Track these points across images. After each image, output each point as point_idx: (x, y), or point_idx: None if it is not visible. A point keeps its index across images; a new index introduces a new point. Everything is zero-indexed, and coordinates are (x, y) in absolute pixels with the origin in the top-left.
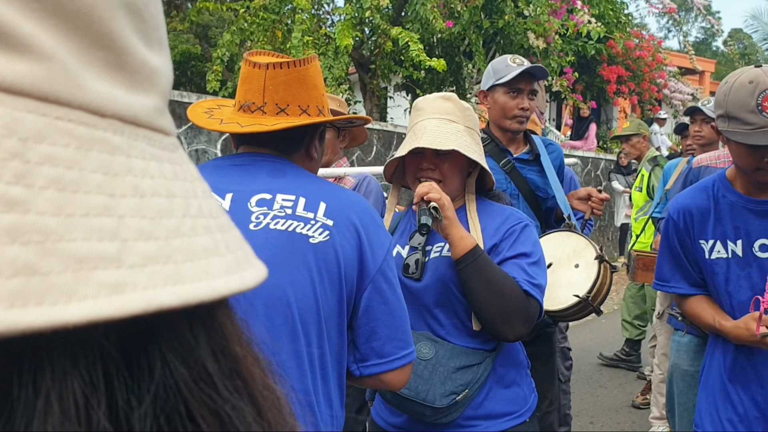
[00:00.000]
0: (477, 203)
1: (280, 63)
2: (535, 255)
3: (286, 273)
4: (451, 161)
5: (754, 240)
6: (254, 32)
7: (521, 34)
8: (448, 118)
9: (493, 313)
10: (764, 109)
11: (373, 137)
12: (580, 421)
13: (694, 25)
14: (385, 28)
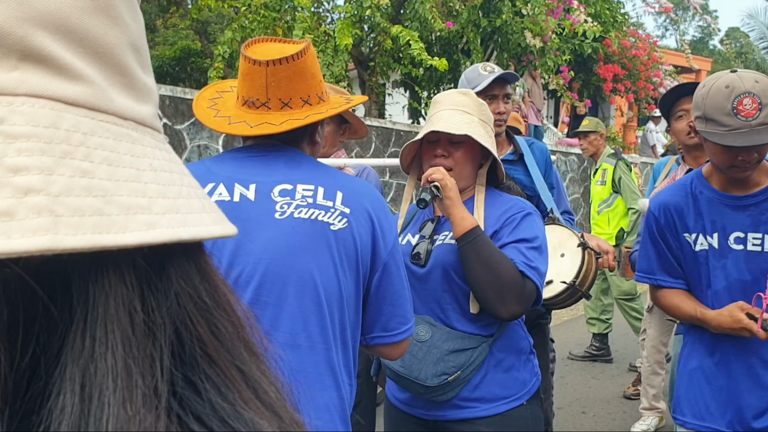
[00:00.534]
0: (486, 194)
1: (280, 59)
2: (536, 241)
3: (312, 258)
4: (464, 150)
5: (730, 233)
6: (255, 29)
7: (518, 33)
8: (463, 109)
9: (488, 291)
10: (739, 112)
11: (372, 134)
12: (573, 411)
13: (692, 24)
14: (384, 26)
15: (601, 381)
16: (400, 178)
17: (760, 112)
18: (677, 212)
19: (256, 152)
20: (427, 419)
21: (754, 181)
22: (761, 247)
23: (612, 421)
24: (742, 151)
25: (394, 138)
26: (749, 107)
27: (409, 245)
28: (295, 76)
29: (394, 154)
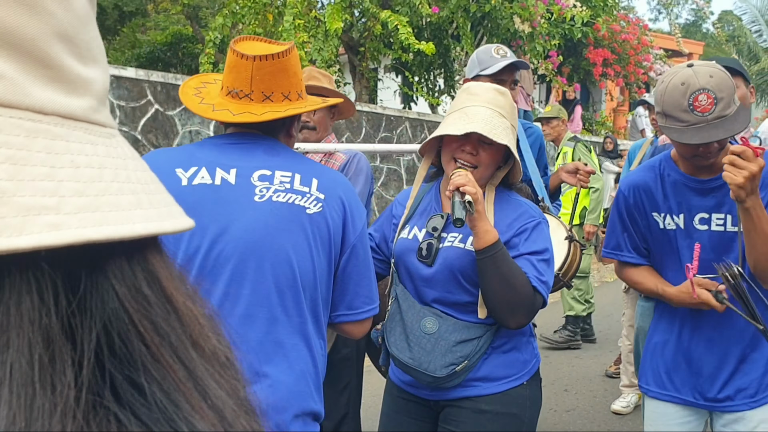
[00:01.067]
0: (497, 194)
1: (266, 55)
2: (546, 253)
3: (288, 238)
4: (492, 151)
5: (695, 214)
6: (245, 15)
7: (508, 19)
8: (500, 111)
9: (502, 304)
10: (695, 108)
11: (362, 119)
12: (555, 389)
13: (685, 7)
14: (374, 11)
15: (583, 360)
16: (390, 162)
17: (715, 107)
18: (646, 192)
19: (236, 140)
20: (430, 399)
21: (718, 164)
22: (724, 227)
23: (593, 398)
24: (701, 144)
25: (385, 123)
26: (705, 103)
27: (416, 240)
28: (278, 73)
29: (384, 139)
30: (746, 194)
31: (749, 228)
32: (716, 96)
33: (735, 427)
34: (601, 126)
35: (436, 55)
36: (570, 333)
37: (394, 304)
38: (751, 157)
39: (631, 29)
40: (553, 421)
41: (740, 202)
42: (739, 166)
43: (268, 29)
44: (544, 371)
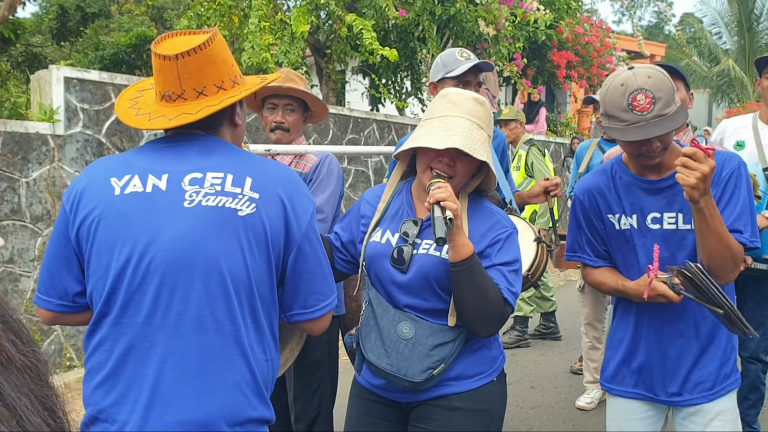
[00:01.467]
0: (469, 201)
1: (188, 51)
2: (516, 264)
3: (218, 244)
4: (467, 163)
5: (647, 214)
6: (211, 17)
7: (472, 22)
8: (479, 123)
9: (475, 315)
10: (634, 107)
11: (330, 121)
12: (522, 386)
13: (647, 10)
14: (340, 14)
15: (549, 357)
16: (358, 164)
17: (654, 106)
18: (600, 195)
19: (173, 142)
20: (402, 401)
21: (667, 164)
22: (676, 225)
23: (559, 395)
24: (643, 142)
25: (352, 125)
26: (643, 102)
27: (389, 245)
28: (205, 65)
29: (352, 140)
30: (699, 194)
31: (702, 227)
32: (654, 95)
33: (694, 419)
34: (566, 127)
35: (403, 58)
36: (519, 333)
37: (368, 308)
38: (702, 158)
39: (594, 32)
40: (519, 418)
41: (694, 203)
42: (691, 167)
43: (233, 31)
44: (511, 369)
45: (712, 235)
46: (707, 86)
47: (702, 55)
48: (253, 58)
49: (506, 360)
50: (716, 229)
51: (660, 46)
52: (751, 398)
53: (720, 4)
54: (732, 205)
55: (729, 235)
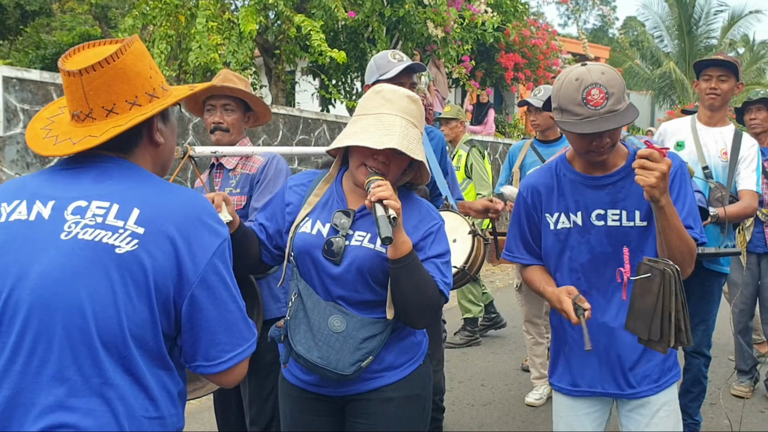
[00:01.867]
0: (399, 194)
1: (93, 65)
2: (447, 255)
3: (86, 284)
4: (400, 161)
5: (591, 211)
6: (156, 17)
7: (421, 24)
8: (413, 121)
9: (414, 309)
10: (588, 101)
11: (279, 122)
12: (472, 384)
13: (592, 13)
14: (288, 14)
15: (499, 355)
16: (309, 165)
17: (607, 101)
18: (542, 193)
19: (73, 164)
20: (336, 395)
21: (611, 162)
22: (619, 222)
23: (509, 392)
24: (594, 137)
25: (302, 126)
26: (597, 97)
27: (320, 237)
28: (114, 81)
29: (302, 141)
30: (660, 193)
31: (664, 225)
32: (608, 91)
33: (641, 411)
34: (514, 129)
35: (353, 59)
36: (469, 333)
37: (297, 300)
38: (658, 157)
39: (540, 34)
40: (470, 415)
41: (655, 202)
42: (648, 168)
43: (180, 31)
44: (462, 367)
45: (674, 231)
46: (649, 88)
47: (644, 58)
48: (201, 58)
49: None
50: (676, 226)
51: (604, 48)
52: (693, 391)
53: (661, 8)
54: (680, 202)
55: (686, 231)
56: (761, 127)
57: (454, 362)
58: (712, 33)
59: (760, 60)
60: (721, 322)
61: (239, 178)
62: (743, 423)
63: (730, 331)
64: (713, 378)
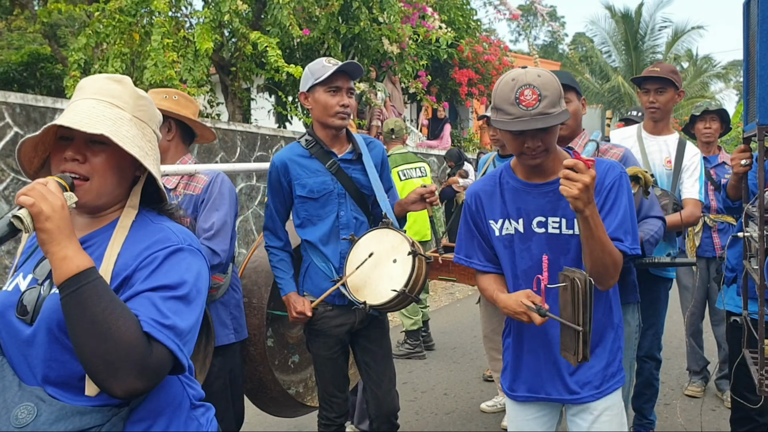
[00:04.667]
0: (139, 220)
1: None
2: (182, 288)
3: None
4: (107, 155)
5: (533, 218)
6: (110, 35)
7: (377, 40)
8: (110, 101)
9: (95, 360)
10: (521, 102)
11: (237, 138)
12: (435, 393)
13: (542, 30)
14: (244, 32)
15: (461, 365)
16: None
17: (539, 103)
18: (485, 200)
19: None
20: None
21: (552, 169)
22: (559, 230)
23: (471, 400)
24: (527, 138)
25: (260, 142)
26: (529, 98)
27: (17, 292)
28: None
29: (260, 158)
30: (583, 204)
31: (587, 235)
32: (540, 93)
33: (583, 416)
34: (469, 143)
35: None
36: (410, 346)
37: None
38: (583, 169)
39: (492, 50)
40: (434, 424)
41: (578, 212)
42: (572, 178)
43: (134, 49)
44: (424, 377)
45: (596, 243)
46: (599, 102)
47: (594, 73)
48: (156, 75)
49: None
50: (600, 238)
51: (555, 64)
52: (646, 393)
53: (608, 25)
54: (613, 214)
55: (611, 243)
56: (713, 137)
57: (417, 373)
58: (657, 48)
59: (703, 74)
60: (673, 326)
61: (182, 199)
62: (695, 422)
63: (681, 334)
64: (667, 379)
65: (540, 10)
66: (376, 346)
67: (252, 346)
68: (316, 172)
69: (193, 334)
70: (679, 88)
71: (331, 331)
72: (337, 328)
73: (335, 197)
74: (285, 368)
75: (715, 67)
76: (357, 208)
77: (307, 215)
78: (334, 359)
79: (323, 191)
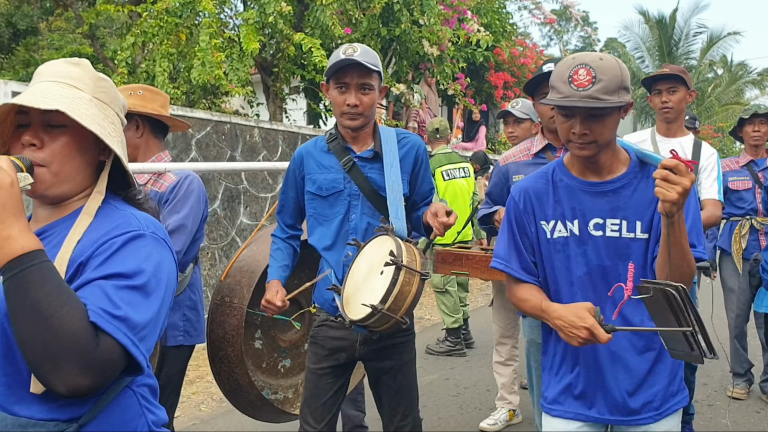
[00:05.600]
0: (103, 206)
1: None
2: (138, 277)
3: None
4: (66, 139)
5: (589, 219)
6: (157, 35)
7: (417, 42)
8: (68, 82)
9: (36, 352)
10: (573, 81)
11: (279, 138)
12: (478, 390)
13: (574, 34)
14: (288, 33)
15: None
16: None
17: (592, 85)
18: (537, 198)
19: None
20: None
21: (611, 167)
22: (619, 233)
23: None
24: (574, 123)
25: (300, 141)
26: (583, 78)
27: None
28: None
29: None
30: (677, 209)
31: (672, 242)
32: (596, 75)
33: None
34: (503, 146)
35: None
36: (450, 343)
37: None
38: (684, 171)
39: (529, 53)
40: (479, 418)
41: (669, 217)
42: (672, 181)
43: (180, 48)
44: (466, 375)
45: (679, 250)
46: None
47: None
48: (204, 75)
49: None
50: (683, 245)
51: None
52: None
53: (642, 30)
54: (688, 218)
55: (690, 251)
56: (762, 140)
57: (459, 369)
58: (691, 54)
59: (738, 80)
60: (716, 327)
61: (148, 194)
62: (740, 423)
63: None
64: (710, 381)
65: (575, 15)
66: (390, 378)
67: (230, 347)
68: (328, 169)
69: (151, 330)
70: (690, 88)
71: (325, 343)
72: (333, 340)
73: (345, 197)
74: (274, 372)
75: (750, 73)
76: (374, 211)
77: (314, 213)
78: (319, 376)
79: (332, 190)
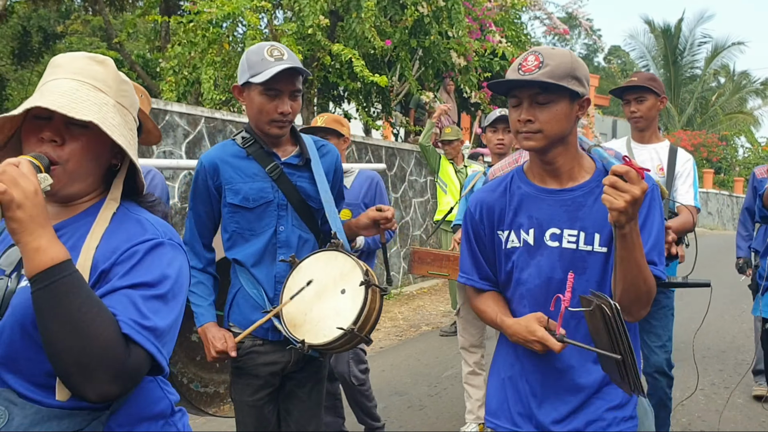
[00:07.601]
0: (119, 211)
1: None
2: (162, 286)
3: None
4: (86, 140)
5: (546, 229)
6: (199, 43)
7: (445, 53)
8: (93, 84)
9: (68, 361)
10: (522, 67)
11: None
12: None
13: (578, 42)
14: (325, 44)
15: None
16: None
17: (538, 70)
18: (492, 208)
19: None
20: None
21: (569, 174)
22: (576, 245)
23: None
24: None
25: None
26: (531, 63)
27: None
28: None
29: None
30: (627, 220)
31: (624, 255)
32: (543, 60)
33: None
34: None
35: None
36: None
37: None
38: (635, 178)
39: None
40: None
41: (619, 228)
42: (621, 189)
43: (223, 57)
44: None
45: (633, 265)
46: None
47: None
48: None
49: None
50: (637, 260)
51: (594, 76)
52: (660, 415)
53: (647, 39)
54: (646, 232)
55: (647, 268)
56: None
57: None
58: (696, 63)
59: (742, 90)
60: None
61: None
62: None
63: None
64: (729, 384)
65: (584, 24)
66: (305, 394)
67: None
68: (253, 177)
69: (172, 334)
70: (660, 95)
71: (258, 371)
72: (265, 366)
73: (274, 208)
74: (208, 366)
75: (753, 83)
76: (301, 223)
77: (237, 228)
78: (259, 407)
79: (260, 200)
